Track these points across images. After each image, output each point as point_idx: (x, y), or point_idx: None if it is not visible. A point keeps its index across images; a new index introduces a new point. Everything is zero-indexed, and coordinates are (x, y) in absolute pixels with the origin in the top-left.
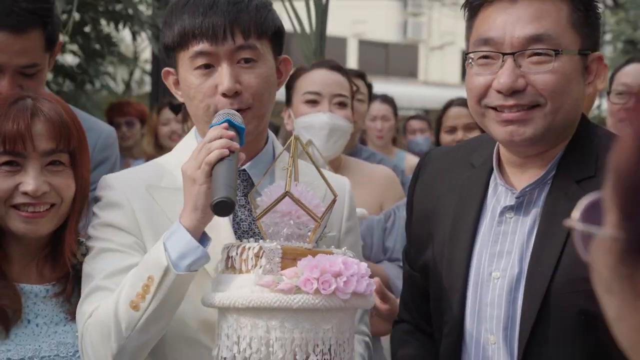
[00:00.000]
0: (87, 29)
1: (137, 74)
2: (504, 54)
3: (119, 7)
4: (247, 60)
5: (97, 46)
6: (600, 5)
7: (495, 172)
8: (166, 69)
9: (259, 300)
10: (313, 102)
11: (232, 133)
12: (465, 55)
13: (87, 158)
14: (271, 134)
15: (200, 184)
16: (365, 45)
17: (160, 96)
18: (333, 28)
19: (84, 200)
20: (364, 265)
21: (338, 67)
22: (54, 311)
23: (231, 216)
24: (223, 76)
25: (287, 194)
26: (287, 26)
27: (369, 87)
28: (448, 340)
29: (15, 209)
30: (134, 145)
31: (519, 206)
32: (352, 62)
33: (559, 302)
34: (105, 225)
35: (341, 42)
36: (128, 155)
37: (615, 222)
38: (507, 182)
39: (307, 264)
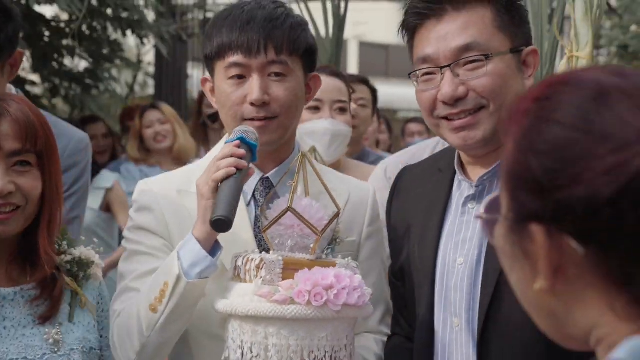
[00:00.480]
0: (95, 35)
1: (140, 76)
2: (441, 68)
3: (125, 14)
4: (277, 74)
5: (105, 51)
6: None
7: (457, 170)
8: (205, 76)
9: (257, 310)
10: (314, 109)
11: (242, 151)
12: (409, 76)
13: (57, 159)
14: (298, 144)
15: (207, 199)
16: (366, 47)
17: (163, 98)
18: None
19: (55, 201)
20: (357, 278)
21: (337, 73)
22: (22, 314)
23: (252, 219)
24: (253, 86)
25: (289, 209)
26: None
27: (373, 91)
28: (420, 329)
29: None
30: None
31: (480, 195)
32: (352, 64)
33: None
34: (138, 228)
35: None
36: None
37: (506, 205)
38: (467, 177)
39: (302, 277)
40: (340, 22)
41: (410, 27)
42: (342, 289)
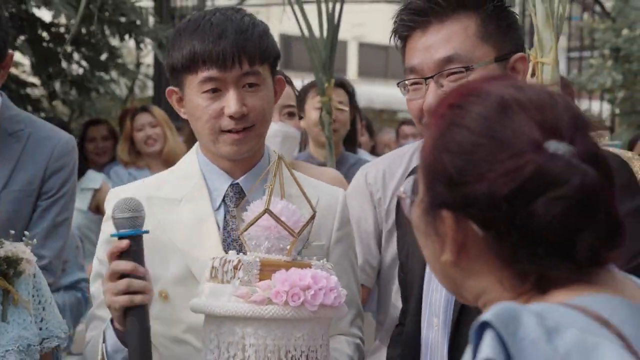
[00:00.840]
0: (93, 40)
1: (139, 78)
2: (425, 79)
3: (123, 18)
4: (251, 85)
5: (103, 57)
6: (587, 13)
7: None
8: (170, 88)
9: (234, 310)
10: None
11: (143, 269)
12: (397, 85)
13: None
14: (267, 148)
15: (117, 311)
16: (365, 48)
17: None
18: None
19: None
20: (333, 279)
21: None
22: None
23: (221, 225)
24: (230, 100)
25: (266, 211)
26: (298, 32)
27: (350, 94)
28: (408, 327)
29: None
30: None
31: None
32: (352, 65)
33: None
34: (104, 242)
35: (341, 45)
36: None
37: (422, 191)
38: None
39: (279, 278)
40: (334, 25)
41: (401, 37)
42: (319, 289)
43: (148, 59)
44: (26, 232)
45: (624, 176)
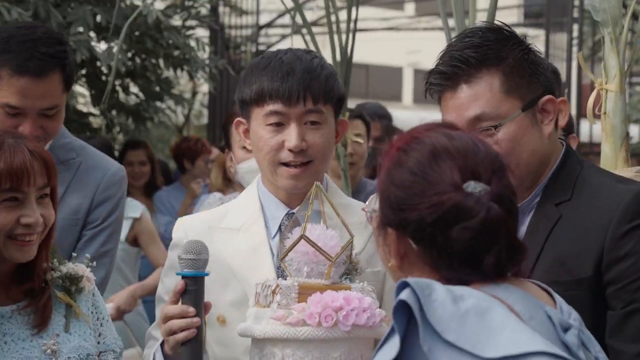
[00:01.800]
0: (147, 73)
1: (196, 105)
2: None
3: (176, 52)
4: (313, 122)
5: (157, 89)
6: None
7: None
8: (238, 119)
9: (272, 332)
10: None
11: (191, 310)
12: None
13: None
14: (326, 179)
15: (171, 347)
16: (421, 75)
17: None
18: (388, 58)
19: (54, 227)
20: (367, 299)
21: None
22: (20, 328)
23: (276, 252)
24: (291, 134)
25: (302, 237)
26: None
27: (368, 125)
28: None
29: (11, 238)
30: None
31: None
32: (407, 91)
33: None
34: (169, 267)
35: (396, 72)
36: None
37: (378, 209)
38: None
39: (313, 300)
40: (347, 56)
41: (433, 97)
42: (350, 310)
43: (204, 87)
44: (87, 255)
45: None
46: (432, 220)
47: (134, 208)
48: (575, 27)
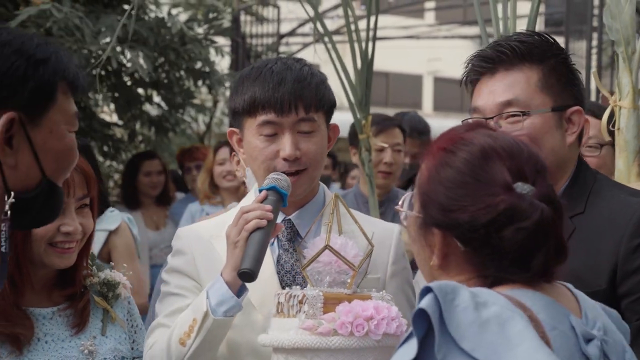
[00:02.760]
0: (171, 84)
1: (217, 113)
2: (487, 119)
3: (199, 65)
4: (305, 132)
5: (179, 99)
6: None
7: None
8: (231, 129)
9: (302, 342)
10: None
11: (269, 207)
12: (462, 122)
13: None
14: (322, 187)
15: (236, 248)
16: (441, 83)
17: None
18: (409, 66)
19: (92, 236)
20: (394, 309)
21: None
22: (60, 329)
23: (275, 257)
24: (285, 143)
25: (326, 247)
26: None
27: (404, 132)
28: None
29: (52, 245)
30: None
31: None
32: (427, 99)
33: None
34: (171, 270)
35: (416, 80)
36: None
37: (418, 209)
38: None
39: (343, 309)
40: (368, 62)
41: (471, 80)
42: (381, 319)
43: (226, 94)
44: (124, 265)
45: None
46: (486, 221)
47: (111, 219)
48: (595, 35)
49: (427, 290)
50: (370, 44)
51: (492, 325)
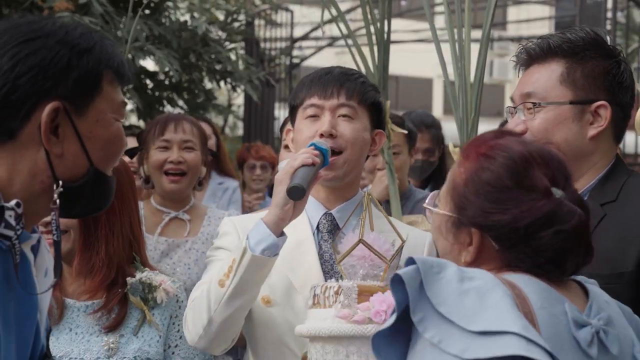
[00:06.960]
0: (192, 86)
1: (230, 119)
2: (515, 107)
3: (219, 66)
4: (345, 116)
5: (200, 100)
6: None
7: None
8: (288, 127)
9: (338, 330)
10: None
11: (317, 152)
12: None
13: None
14: (362, 191)
15: (283, 185)
16: (451, 86)
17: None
18: (418, 69)
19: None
20: None
21: None
22: (91, 324)
23: (317, 247)
24: (323, 122)
25: (360, 241)
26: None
27: (409, 133)
28: None
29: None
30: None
31: None
32: (437, 102)
33: None
34: (216, 248)
35: (426, 83)
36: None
37: (451, 209)
38: None
39: (377, 299)
40: (382, 65)
41: (518, 71)
42: None
43: (239, 100)
44: (167, 266)
45: None
46: (527, 223)
47: None
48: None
49: (411, 261)
50: (384, 47)
51: (472, 294)
